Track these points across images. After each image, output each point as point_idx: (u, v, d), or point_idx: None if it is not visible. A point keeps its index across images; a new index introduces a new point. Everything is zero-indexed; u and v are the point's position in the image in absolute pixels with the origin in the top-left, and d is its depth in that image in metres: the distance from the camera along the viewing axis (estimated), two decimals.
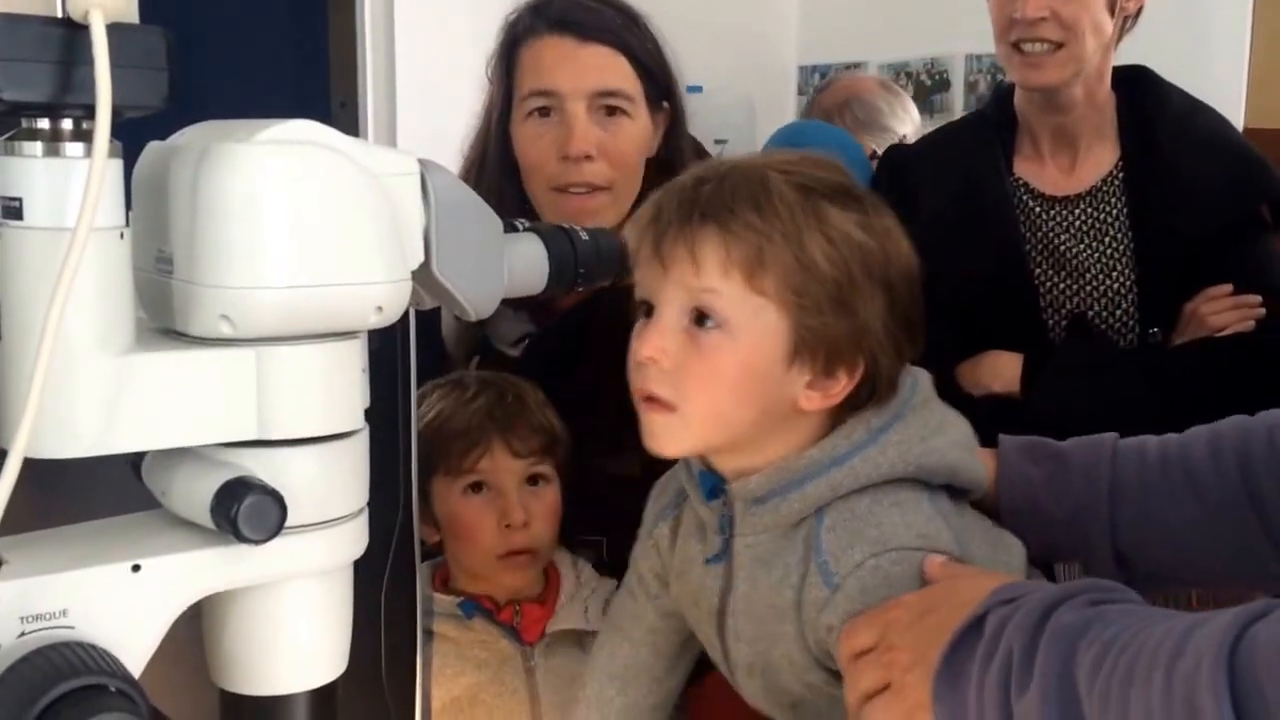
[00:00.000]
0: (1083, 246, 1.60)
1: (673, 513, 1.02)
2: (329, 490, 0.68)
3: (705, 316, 0.87)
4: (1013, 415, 1.40)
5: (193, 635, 0.70)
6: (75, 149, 0.60)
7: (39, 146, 0.60)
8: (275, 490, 0.64)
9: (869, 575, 0.86)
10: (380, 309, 0.68)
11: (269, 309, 0.64)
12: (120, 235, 0.62)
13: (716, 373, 0.87)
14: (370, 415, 0.71)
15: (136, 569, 0.64)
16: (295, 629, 0.69)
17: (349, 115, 2.82)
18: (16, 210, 0.60)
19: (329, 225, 0.65)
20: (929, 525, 0.88)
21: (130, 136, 0.63)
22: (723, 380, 0.87)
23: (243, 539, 0.63)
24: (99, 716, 0.57)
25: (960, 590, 0.81)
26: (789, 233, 0.85)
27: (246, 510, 0.63)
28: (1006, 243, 1.60)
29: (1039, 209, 1.63)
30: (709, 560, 0.95)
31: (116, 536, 0.67)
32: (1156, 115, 1.61)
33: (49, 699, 0.57)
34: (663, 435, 0.90)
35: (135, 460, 0.70)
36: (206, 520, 0.64)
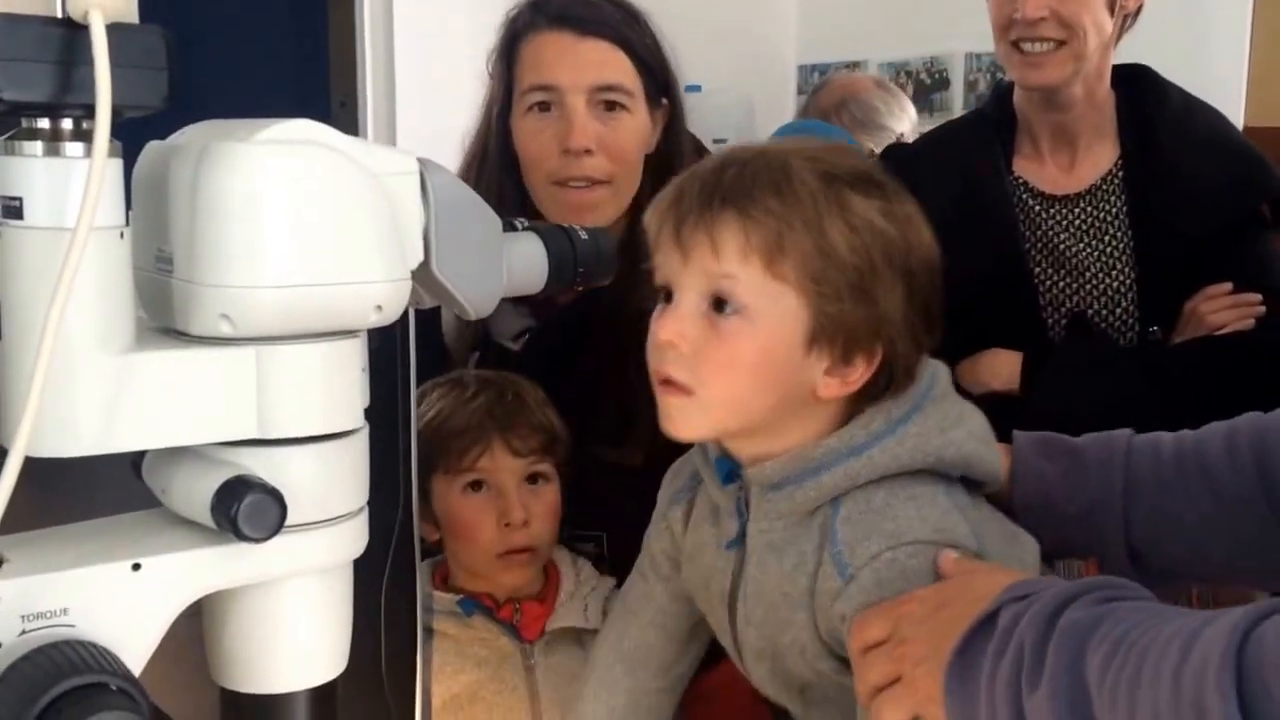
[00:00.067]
0: (1082, 245, 1.60)
1: (687, 496, 1.02)
2: (329, 489, 0.68)
3: (724, 302, 0.87)
4: (1012, 414, 1.39)
5: (193, 633, 0.70)
6: (75, 149, 0.60)
7: (39, 146, 0.60)
8: (275, 489, 0.64)
9: (885, 568, 0.86)
10: (380, 308, 0.68)
11: (269, 308, 0.64)
12: (120, 235, 0.62)
13: (734, 358, 0.87)
14: (370, 414, 0.71)
15: (137, 567, 0.64)
16: (295, 627, 0.70)
17: (348, 114, 2.82)
18: (17, 210, 0.60)
19: (328, 224, 0.65)
20: (945, 519, 0.88)
21: (130, 136, 0.63)
22: (740, 366, 0.87)
23: (243, 537, 0.63)
24: (100, 714, 0.57)
25: (974, 586, 0.81)
26: (810, 219, 0.85)
27: (246, 509, 0.63)
28: (1006, 241, 1.60)
29: (1038, 207, 1.63)
30: (725, 545, 0.95)
31: (117, 535, 0.67)
32: (1156, 114, 1.61)
33: (50, 697, 0.57)
34: (679, 419, 0.89)
35: (136, 459, 0.70)
36: (207, 519, 0.65)
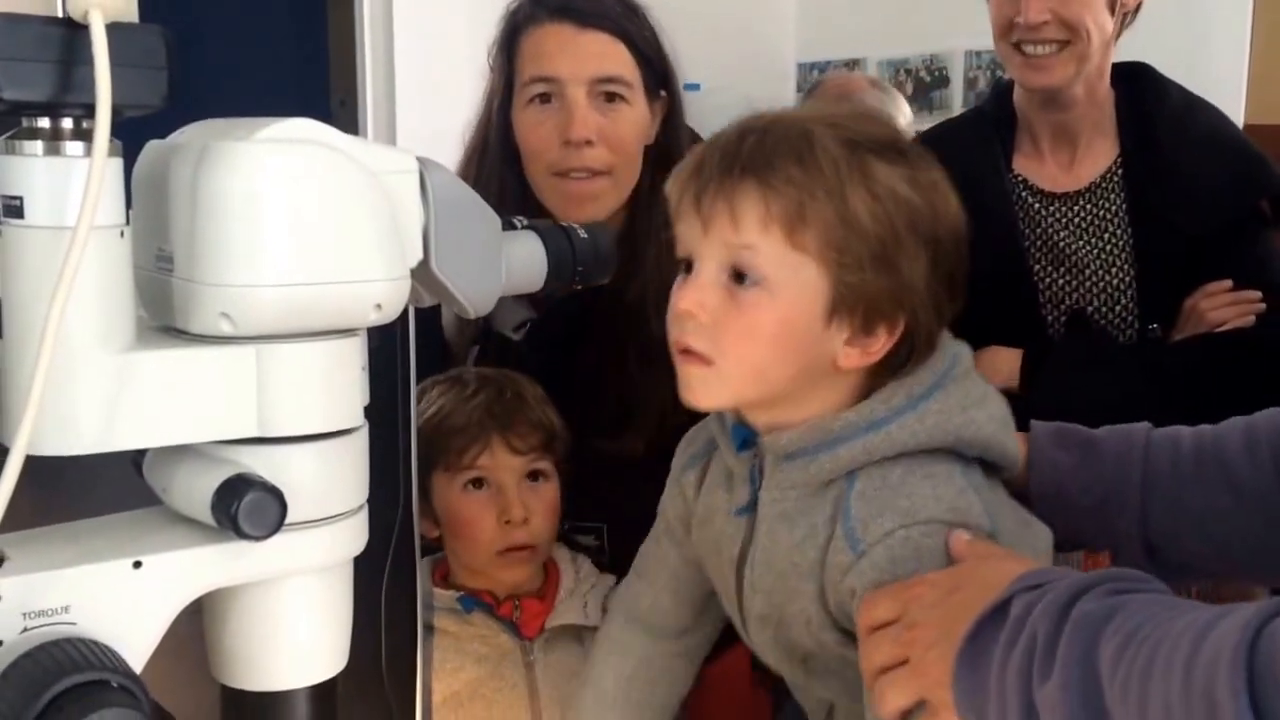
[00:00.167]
0: (1082, 243, 1.60)
1: (701, 460, 1.01)
2: (329, 487, 0.68)
3: (743, 275, 0.86)
4: (1012, 411, 1.40)
5: (194, 631, 0.70)
6: (75, 148, 0.60)
7: (39, 145, 0.60)
8: (275, 487, 0.64)
9: (899, 546, 0.85)
10: (379, 307, 0.68)
11: (269, 307, 0.64)
12: (120, 234, 0.62)
13: (754, 329, 0.86)
14: (370, 412, 0.72)
15: (138, 565, 0.64)
16: (296, 625, 0.70)
17: (348, 113, 2.82)
18: (17, 209, 0.60)
19: (328, 223, 0.65)
20: (961, 499, 0.87)
21: (130, 135, 0.63)
22: (760, 336, 0.86)
23: (243, 535, 0.63)
24: (101, 711, 0.57)
25: (986, 573, 0.81)
26: (832, 188, 0.84)
27: (247, 507, 0.63)
28: (1006, 239, 1.60)
29: (1038, 205, 1.63)
30: (737, 512, 0.95)
31: (118, 533, 0.67)
32: (1156, 111, 1.61)
33: (52, 694, 0.57)
34: (698, 388, 0.89)
35: (136, 457, 0.70)
36: (207, 517, 0.65)
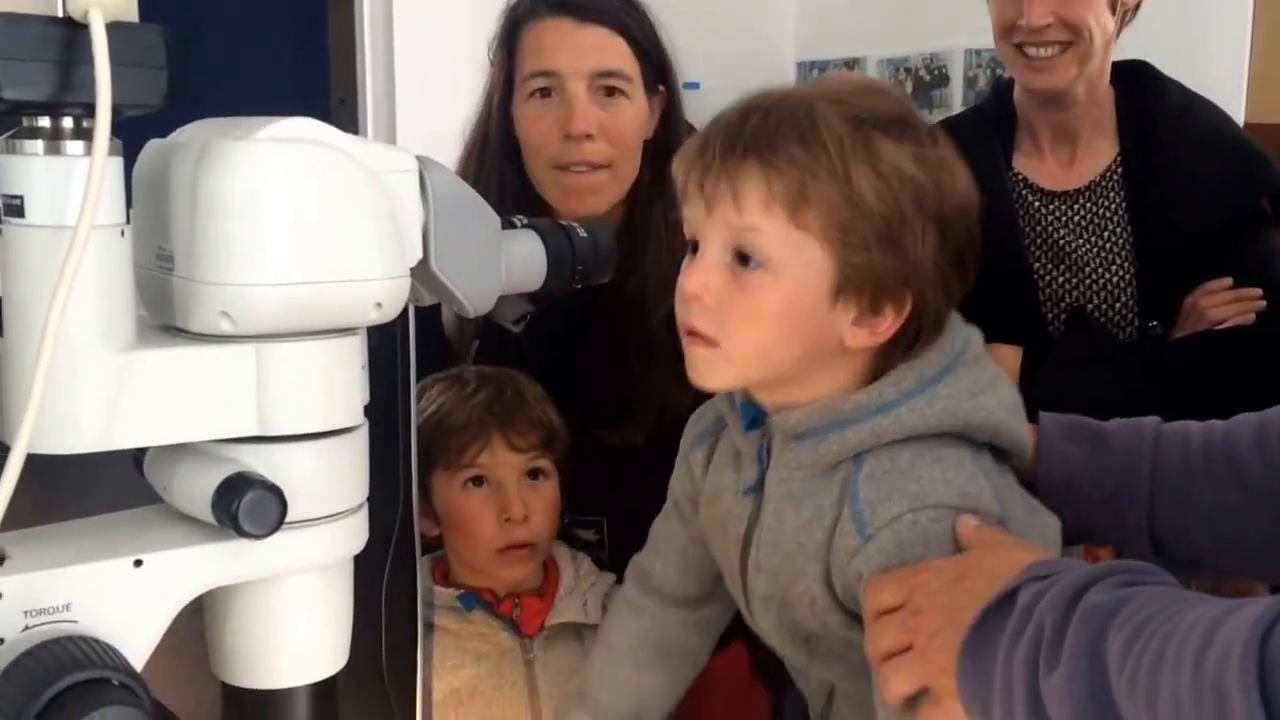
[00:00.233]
0: (1082, 241, 1.60)
1: (709, 439, 1.01)
2: (329, 485, 0.69)
3: (747, 257, 0.85)
4: None
5: (194, 629, 0.70)
6: (76, 147, 0.60)
7: (40, 145, 0.60)
8: (275, 486, 0.64)
9: (906, 530, 0.84)
10: (379, 305, 0.68)
11: (269, 306, 0.65)
12: (121, 233, 0.62)
13: (759, 311, 0.86)
14: (370, 411, 0.72)
15: (139, 564, 0.64)
16: (296, 623, 0.70)
17: (348, 113, 2.82)
18: (18, 208, 0.60)
19: (328, 222, 0.66)
20: (971, 484, 0.87)
21: (130, 134, 0.63)
22: (765, 318, 0.86)
23: (244, 534, 0.64)
24: (102, 710, 0.57)
25: (993, 561, 0.80)
26: (835, 167, 0.83)
27: (247, 505, 0.63)
28: (1006, 237, 1.60)
29: (1038, 204, 1.63)
30: (744, 491, 0.94)
31: (119, 532, 0.67)
32: (1156, 110, 1.61)
33: (53, 692, 0.57)
34: (705, 369, 0.89)
35: (137, 456, 0.71)
36: (208, 515, 0.65)
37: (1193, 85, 1.66)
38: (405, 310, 0.75)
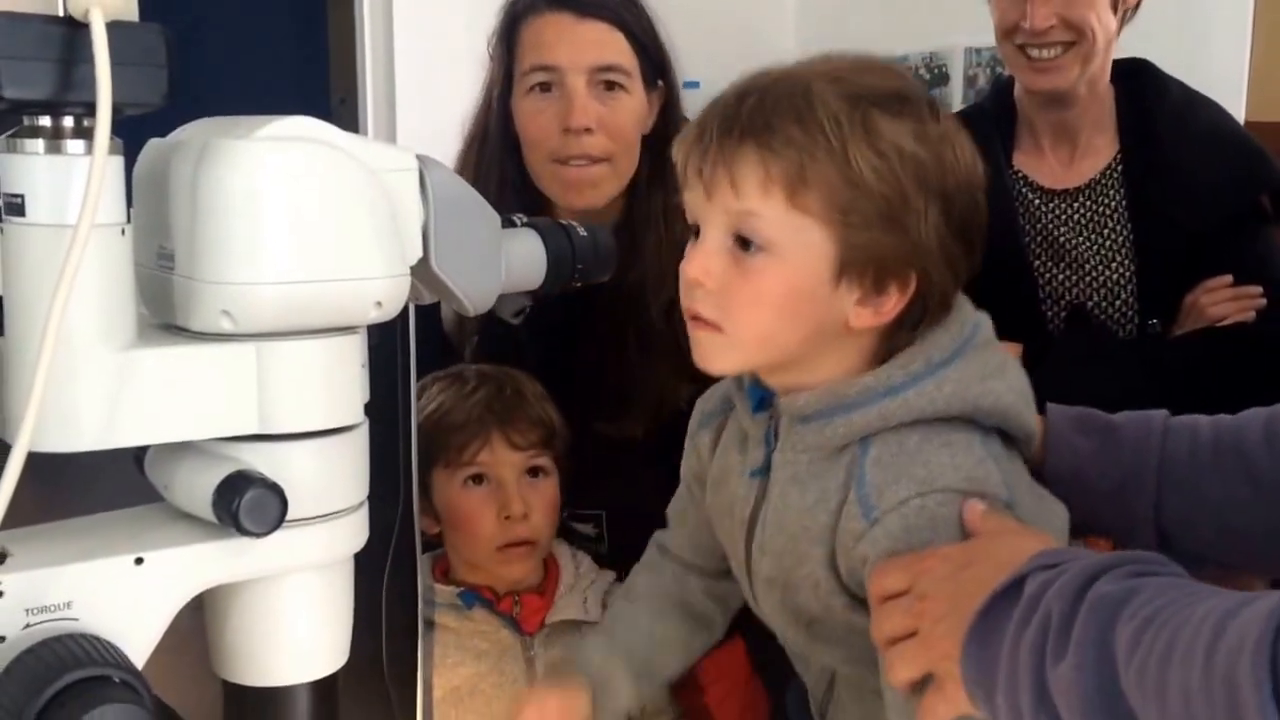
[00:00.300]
0: (1082, 239, 1.60)
1: (717, 420, 1.01)
2: (329, 484, 0.69)
3: (748, 241, 0.85)
4: None
5: (195, 627, 0.71)
6: (76, 146, 0.60)
7: (40, 144, 0.60)
8: (276, 484, 0.65)
9: (914, 514, 0.84)
10: (379, 304, 0.68)
11: (269, 304, 0.65)
12: (121, 232, 0.62)
13: (761, 295, 0.85)
14: (370, 409, 0.72)
15: (139, 562, 0.64)
16: (296, 621, 0.70)
17: (348, 111, 2.82)
18: (19, 207, 0.60)
19: (328, 221, 0.66)
20: (979, 468, 0.86)
21: (131, 133, 0.63)
22: (768, 302, 0.85)
23: (244, 532, 0.64)
24: (103, 707, 0.57)
25: (1000, 549, 0.80)
26: (833, 147, 0.82)
27: (248, 504, 0.63)
28: (1006, 235, 1.60)
29: (1038, 202, 1.63)
30: (751, 473, 0.94)
31: (119, 530, 0.67)
32: (1156, 108, 1.61)
33: (54, 690, 0.57)
34: (710, 354, 0.89)
35: (138, 454, 0.71)
36: (208, 514, 0.65)
37: (1193, 83, 1.65)
38: (405, 309, 0.75)
